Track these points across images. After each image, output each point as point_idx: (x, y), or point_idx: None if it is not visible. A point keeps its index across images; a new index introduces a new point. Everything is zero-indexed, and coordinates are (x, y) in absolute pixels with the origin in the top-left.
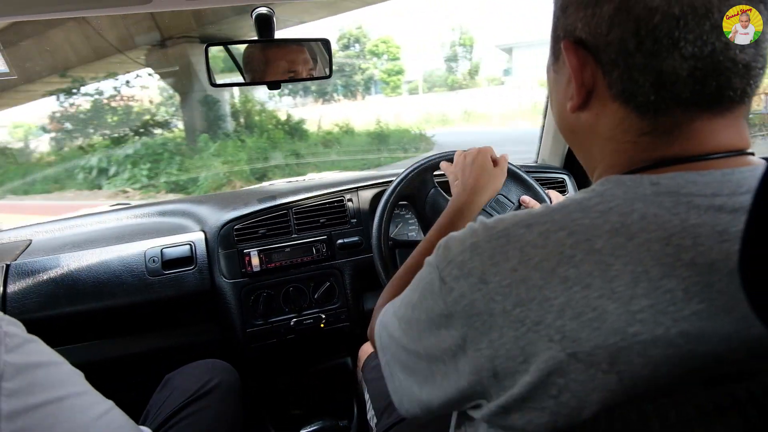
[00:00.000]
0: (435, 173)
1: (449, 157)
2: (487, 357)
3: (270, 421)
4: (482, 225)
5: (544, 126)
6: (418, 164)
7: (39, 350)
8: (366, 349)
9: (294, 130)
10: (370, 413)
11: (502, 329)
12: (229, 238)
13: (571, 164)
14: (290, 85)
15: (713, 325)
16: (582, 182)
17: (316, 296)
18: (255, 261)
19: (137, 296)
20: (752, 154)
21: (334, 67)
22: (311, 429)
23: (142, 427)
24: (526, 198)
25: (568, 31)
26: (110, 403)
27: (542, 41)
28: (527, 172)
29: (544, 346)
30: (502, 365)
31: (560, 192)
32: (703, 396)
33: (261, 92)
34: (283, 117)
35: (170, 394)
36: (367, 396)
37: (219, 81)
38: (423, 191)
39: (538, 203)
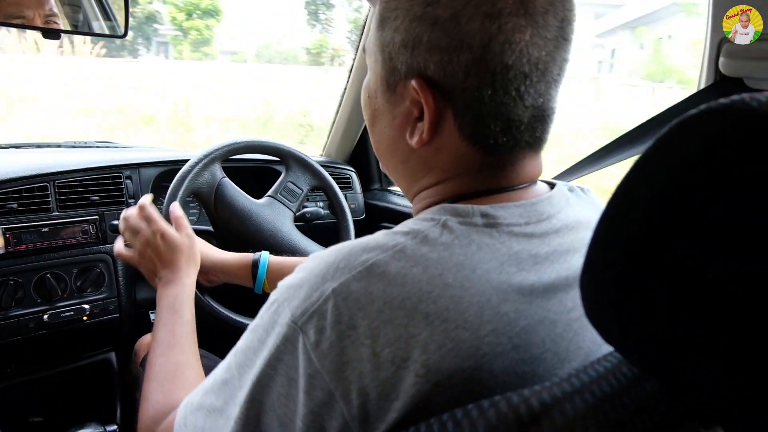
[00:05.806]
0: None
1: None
2: (358, 405)
3: None
4: (332, 267)
5: (334, 123)
6: (204, 156)
7: None
8: (146, 341)
9: None
10: None
11: (373, 373)
12: None
13: (355, 161)
14: None
15: (535, 335)
16: (365, 178)
17: (79, 284)
18: None
19: None
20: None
21: None
22: None
23: None
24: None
25: (415, 68)
26: None
27: None
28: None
29: (411, 380)
30: (373, 408)
31: (346, 187)
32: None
33: None
34: None
35: None
36: None
37: None
38: (212, 184)
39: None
